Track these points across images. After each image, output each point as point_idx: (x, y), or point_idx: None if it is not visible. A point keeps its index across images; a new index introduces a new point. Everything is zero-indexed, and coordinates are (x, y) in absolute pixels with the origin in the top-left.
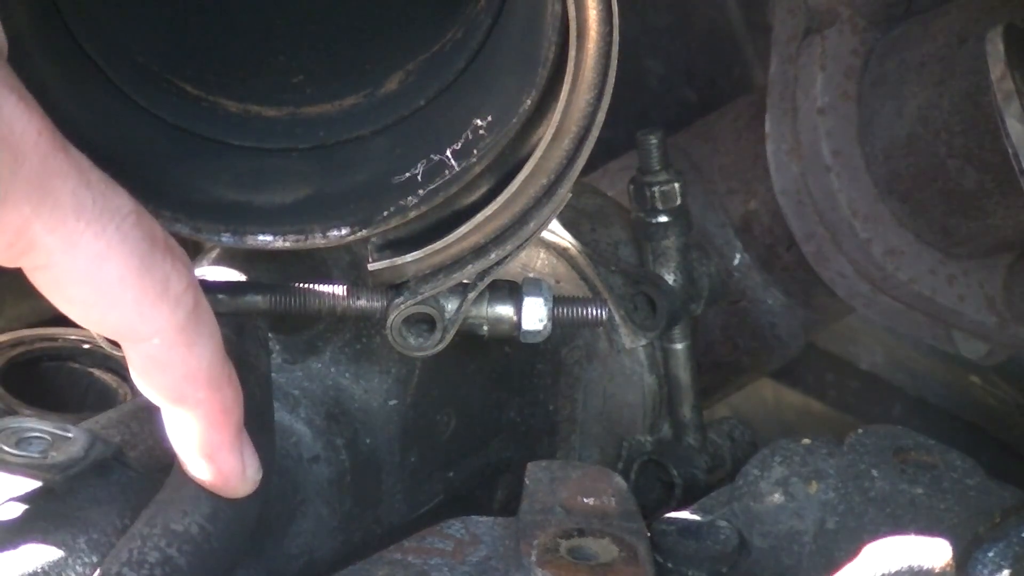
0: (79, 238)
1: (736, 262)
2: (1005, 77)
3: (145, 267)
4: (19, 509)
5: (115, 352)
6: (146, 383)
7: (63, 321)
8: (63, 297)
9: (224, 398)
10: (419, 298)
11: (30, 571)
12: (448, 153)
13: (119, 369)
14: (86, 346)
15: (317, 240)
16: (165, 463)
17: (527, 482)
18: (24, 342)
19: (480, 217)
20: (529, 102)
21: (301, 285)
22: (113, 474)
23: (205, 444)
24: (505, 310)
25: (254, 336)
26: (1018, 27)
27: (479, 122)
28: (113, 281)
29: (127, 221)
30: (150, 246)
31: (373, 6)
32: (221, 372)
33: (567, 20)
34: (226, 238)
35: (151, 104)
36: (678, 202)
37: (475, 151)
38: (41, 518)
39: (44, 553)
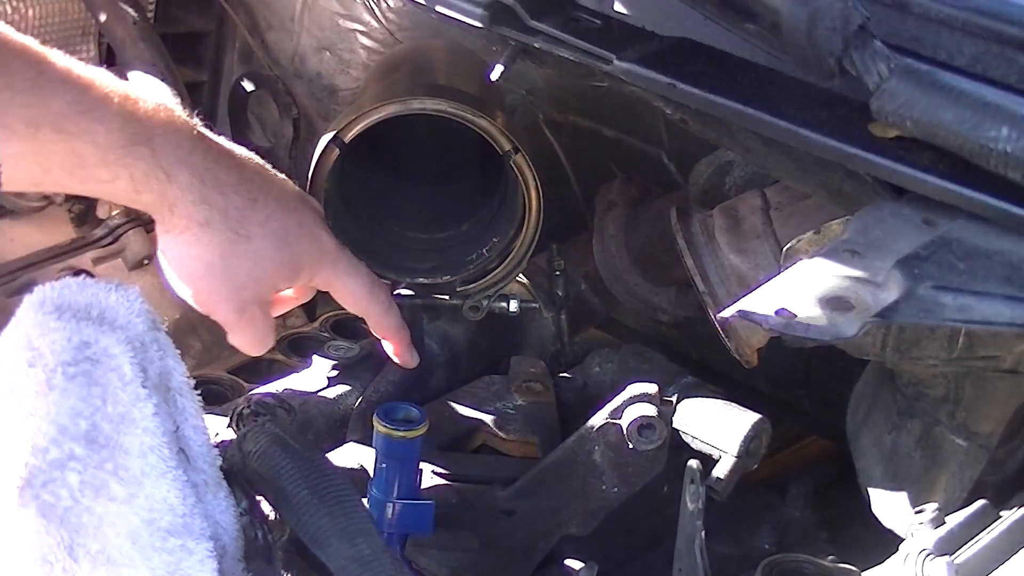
0: (348, 279)
1: (582, 288)
2: (678, 233)
3: (372, 289)
4: (335, 373)
5: (360, 320)
6: (375, 331)
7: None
8: (342, 300)
9: (402, 334)
10: (473, 301)
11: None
12: (484, 251)
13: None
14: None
15: (438, 280)
16: (382, 360)
17: (511, 363)
18: (333, 316)
19: (495, 275)
20: (512, 232)
21: (431, 296)
22: (368, 361)
23: (397, 349)
24: (503, 303)
25: (415, 312)
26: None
27: (495, 240)
28: (363, 293)
29: (365, 270)
30: (373, 281)
31: (458, 194)
32: (401, 325)
33: (526, 201)
34: (405, 281)
35: (381, 231)
36: (563, 268)
37: (492, 250)
38: (343, 376)
39: (341, 389)
